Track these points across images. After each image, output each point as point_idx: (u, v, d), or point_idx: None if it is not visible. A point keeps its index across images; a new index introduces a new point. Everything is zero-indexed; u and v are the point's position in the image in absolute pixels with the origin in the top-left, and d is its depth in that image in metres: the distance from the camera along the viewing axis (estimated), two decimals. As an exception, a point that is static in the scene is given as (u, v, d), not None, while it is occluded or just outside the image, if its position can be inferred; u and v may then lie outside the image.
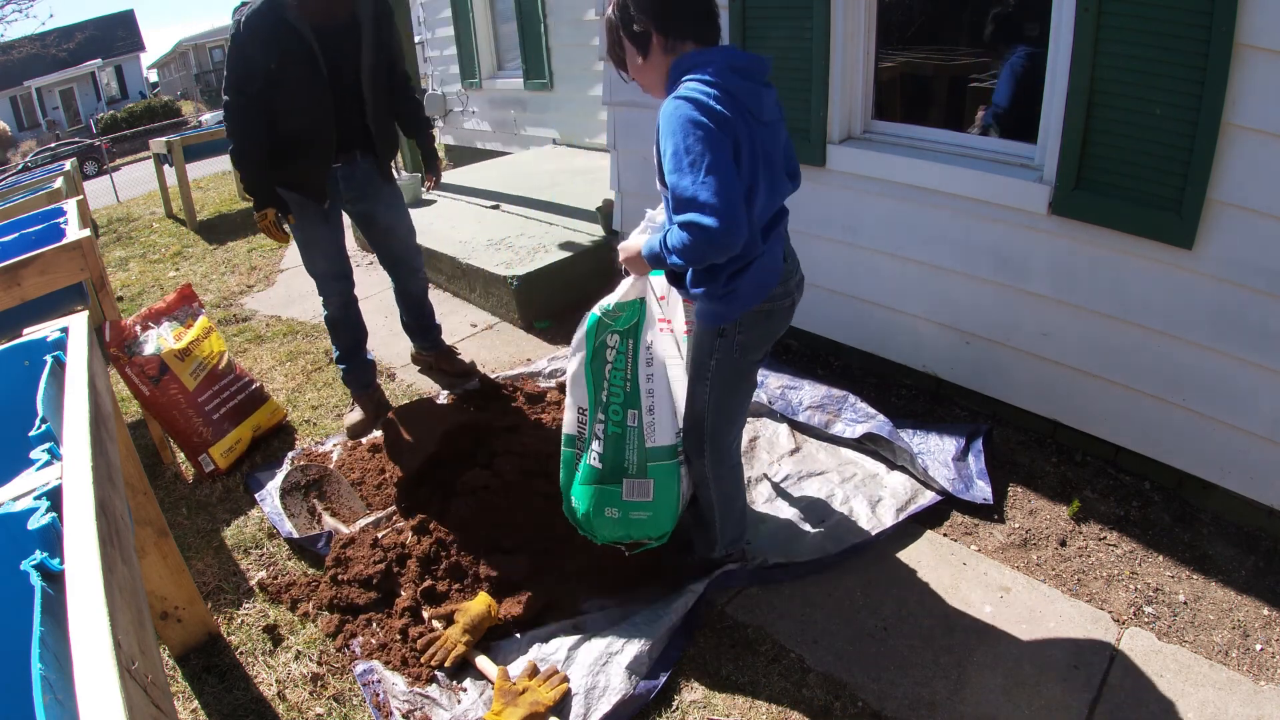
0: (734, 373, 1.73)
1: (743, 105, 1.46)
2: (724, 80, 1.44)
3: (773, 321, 1.70)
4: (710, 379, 1.73)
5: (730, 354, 1.69)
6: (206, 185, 8.34)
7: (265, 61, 2.27)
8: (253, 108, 2.34)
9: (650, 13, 1.51)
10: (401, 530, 2.15)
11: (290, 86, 2.32)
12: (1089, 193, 2.08)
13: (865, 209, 2.60)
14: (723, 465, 1.85)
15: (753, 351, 1.72)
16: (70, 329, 1.49)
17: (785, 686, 1.71)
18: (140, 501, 1.71)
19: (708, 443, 1.81)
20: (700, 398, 1.77)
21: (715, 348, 1.69)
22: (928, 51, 2.88)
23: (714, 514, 1.92)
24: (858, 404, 2.53)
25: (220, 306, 4.29)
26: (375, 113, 2.52)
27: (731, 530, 1.97)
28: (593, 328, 1.78)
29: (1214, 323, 1.96)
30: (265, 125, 2.37)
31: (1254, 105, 1.74)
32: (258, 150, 2.39)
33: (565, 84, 5.96)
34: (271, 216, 2.47)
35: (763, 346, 1.74)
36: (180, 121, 23.61)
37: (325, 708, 1.74)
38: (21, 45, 25.22)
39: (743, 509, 1.98)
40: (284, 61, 2.28)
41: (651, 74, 1.58)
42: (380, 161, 2.66)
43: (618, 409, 1.81)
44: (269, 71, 2.29)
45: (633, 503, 1.85)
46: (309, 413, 2.99)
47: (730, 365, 1.71)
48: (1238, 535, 2.06)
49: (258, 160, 2.41)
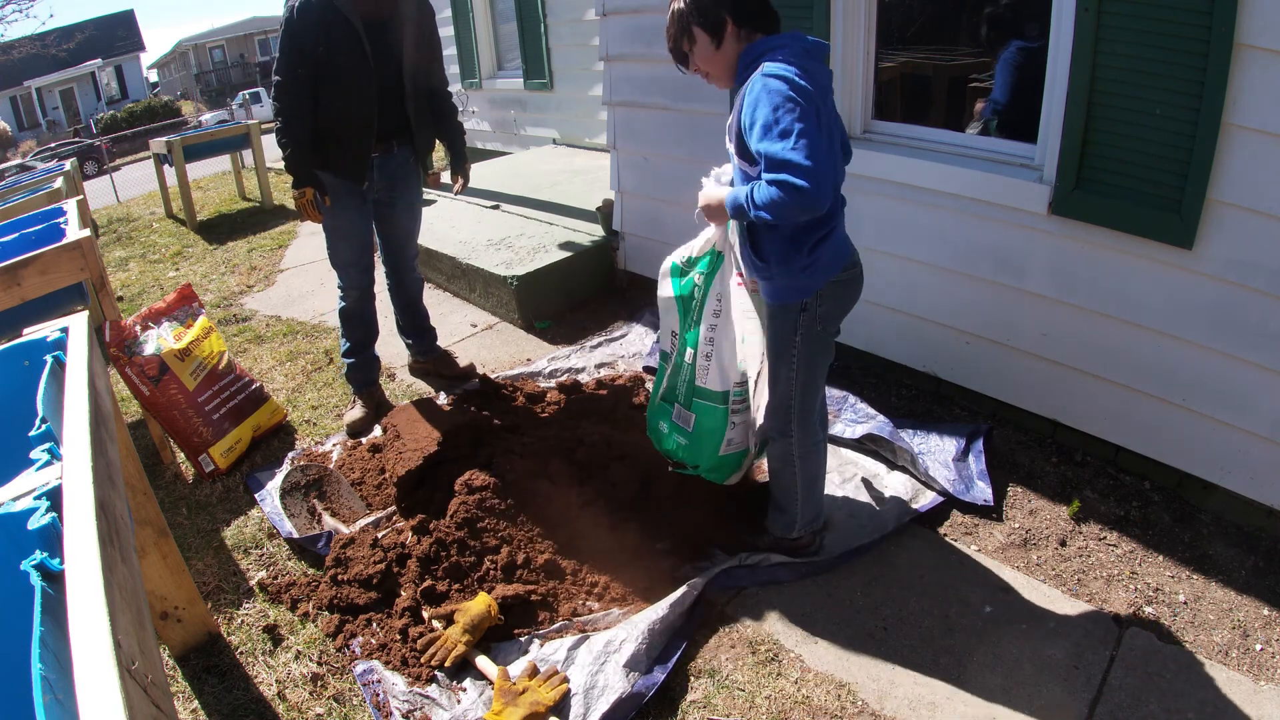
0: (818, 346, 1.81)
1: (819, 84, 1.57)
2: (801, 62, 1.56)
3: (848, 290, 1.79)
4: (796, 357, 1.80)
5: (813, 328, 1.77)
6: (206, 185, 8.33)
7: (315, 46, 2.38)
8: (301, 89, 2.43)
9: (725, 2, 1.62)
10: (401, 530, 2.15)
11: (337, 72, 2.42)
12: (1089, 193, 2.08)
13: (865, 209, 2.60)
14: (810, 441, 1.91)
15: (832, 321, 1.80)
16: (70, 329, 1.48)
17: (785, 686, 1.72)
18: (140, 501, 1.71)
19: (796, 422, 1.88)
20: (785, 378, 1.84)
21: (799, 324, 1.77)
22: (928, 51, 2.88)
23: (796, 494, 1.96)
24: (858, 404, 2.54)
25: (220, 306, 4.28)
26: (415, 106, 2.62)
27: (810, 510, 1.99)
28: (672, 271, 2.03)
29: (1214, 323, 1.96)
30: (311, 107, 2.46)
31: (1254, 105, 1.74)
32: (303, 130, 2.48)
33: (565, 84, 5.96)
34: (310, 195, 2.54)
35: (840, 317, 1.81)
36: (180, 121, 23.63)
37: (325, 708, 1.74)
38: (21, 45, 25.20)
39: (822, 488, 2.01)
40: (332, 47, 2.39)
41: (722, 62, 1.68)
42: (419, 155, 2.75)
43: (682, 342, 2.05)
44: (318, 56, 2.39)
45: (677, 426, 2.11)
46: (309, 413, 2.99)
47: (813, 339, 1.79)
48: (1238, 535, 2.06)
49: (302, 140, 2.49)
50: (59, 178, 4.72)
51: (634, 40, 3.29)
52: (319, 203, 2.56)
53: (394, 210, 2.78)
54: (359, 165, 2.57)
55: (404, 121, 2.62)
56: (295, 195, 2.53)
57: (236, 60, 33.10)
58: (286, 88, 2.43)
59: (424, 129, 2.71)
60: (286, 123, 2.46)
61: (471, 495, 2.11)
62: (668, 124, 3.29)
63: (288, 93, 2.44)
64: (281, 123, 2.46)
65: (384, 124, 2.57)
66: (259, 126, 6.91)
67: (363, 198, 2.66)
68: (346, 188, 2.61)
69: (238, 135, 6.88)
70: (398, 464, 2.38)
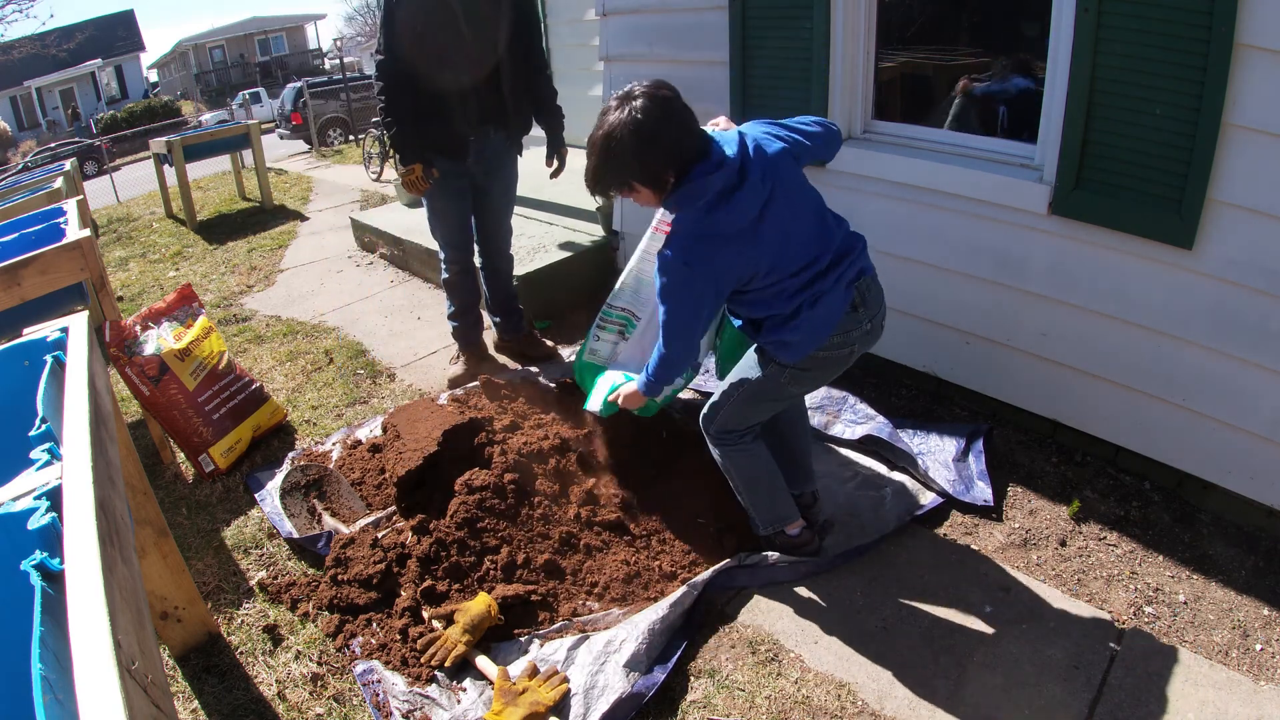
0: (770, 397, 1.84)
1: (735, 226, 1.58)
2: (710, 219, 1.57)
3: (826, 368, 1.78)
4: (747, 386, 1.82)
5: (777, 381, 1.79)
6: (206, 185, 8.33)
7: (413, 25, 2.46)
8: (401, 69, 2.52)
9: (638, 176, 1.60)
10: (401, 530, 2.15)
11: (435, 53, 2.50)
12: (1089, 193, 2.08)
13: (865, 209, 2.60)
14: (726, 447, 1.93)
15: (798, 387, 1.84)
16: (70, 329, 1.48)
17: (785, 686, 1.71)
18: (140, 501, 1.71)
19: (715, 424, 1.92)
20: (727, 394, 1.87)
21: (766, 370, 1.79)
22: (928, 51, 2.88)
23: (742, 492, 2.00)
24: (857, 405, 2.53)
25: (220, 306, 4.28)
26: (512, 89, 2.69)
27: (765, 510, 2.00)
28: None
29: (1214, 323, 1.96)
30: (412, 87, 2.55)
31: (1254, 105, 1.73)
32: (405, 109, 2.57)
33: (565, 84, 5.90)
34: (419, 171, 2.63)
35: (810, 387, 1.86)
36: (180, 121, 23.60)
37: (325, 708, 1.74)
38: (21, 45, 25.16)
39: (775, 491, 2.00)
40: (429, 25, 2.47)
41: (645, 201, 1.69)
42: (512, 137, 2.83)
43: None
44: (416, 35, 2.47)
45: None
46: (309, 413, 2.99)
47: (771, 390, 1.81)
48: (1238, 535, 2.06)
49: (405, 118, 2.57)
50: (59, 178, 4.72)
51: (634, 40, 3.29)
52: (428, 175, 2.67)
53: (489, 194, 2.89)
54: (459, 144, 2.67)
55: (500, 104, 2.69)
56: (403, 172, 2.65)
57: (236, 60, 33.07)
58: (386, 70, 2.54)
59: (520, 112, 2.78)
60: (390, 101, 2.57)
61: (471, 495, 2.11)
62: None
63: (387, 74, 2.54)
64: (385, 101, 2.57)
65: (481, 106, 2.65)
66: (259, 126, 6.91)
67: (461, 177, 2.76)
68: (446, 167, 2.71)
69: (238, 135, 6.88)
70: (398, 464, 2.37)
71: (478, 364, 3.06)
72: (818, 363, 1.74)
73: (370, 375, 3.25)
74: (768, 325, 1.73)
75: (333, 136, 12.41)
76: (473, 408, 2.70)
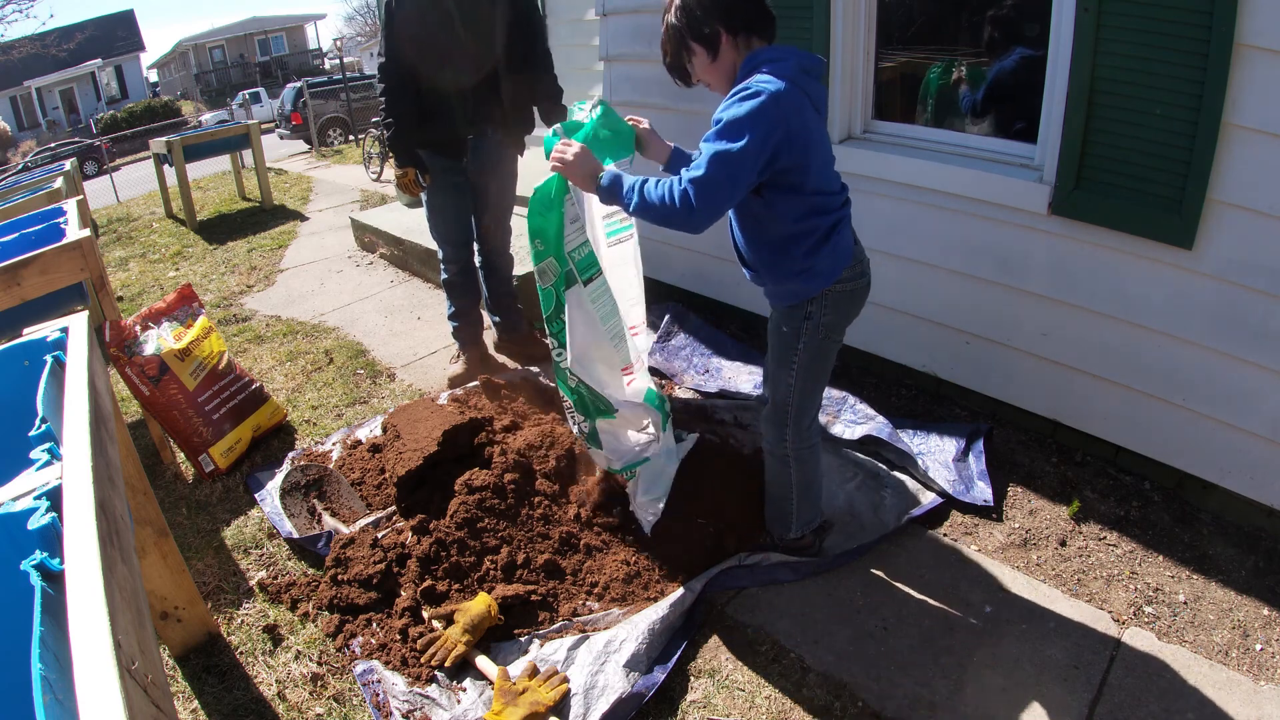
0: (820, 355, 1.82)
1: (811, 101, 1.60)
2: (798, 80, 1.57)
3: (853, 301, 1.79)
4: (796, 364, 1.81)
5: (816, 336, 1.78)
6: (206, 185, 8.33)
7: (409, 27, 2.51)
8: (401, 71, 2.55)
9: (717, 13, 1.61)
10: (401, 530, 2.15)
11: (433, 54, 2.53)
12: (1089, 193, 2.08)
13: (865, 209, 2.59)
14: (804, 445, 1.93)
15: (836, 331, 1.81)
16: (70, 329, 1.48)
17: (785, 686, 1.71)
18: (140, 501, 1.71)
19: (791, 426, 1.89)
20: (785, 383, 1.85)
21: (802, 331, 1.77)
22: (928, 51, 2.88)
23: (792, 495, 1.98)
24: (857, 405, 2.53)
25: (220, 306, 4.28)
26: (510, 89, 2.71)
27: (807, 511, 2.00)
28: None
29: (1214, 323, 1.96)
30: (413, 88, 2.59)
31: (1254, 105, 1.74)
32: (405, 110, 2.60)
33: (565, 84, 5.92)
34: (412, 175, 2.67)
35: (844, 326, 1.82)
36: (180, 121, 23.63)
37: (325, 708, 1.74)
38: (21, 45, 25.16)
39: (819, 490, 2.02)
40: (426, 27, 2.50)
41: (719, 73, 1.68)
42: (511, 136, 2.85)
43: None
44: (413, 37, 2.50)
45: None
46: (309, 413, 2.99)
47: (816, 348, 1.80)
48: (1238, 535, 2.06)
49: (404, 119, 2.61)
50: (59, 178, 4.72)
51: (634, 40, 3.28)
52: (421, 180, 2.69)
53: (486, 193, 2.91)
54: (456, 144, 2.70)
55: (498, 105, 2.71)
56: (398, 174, 2.67)
57: (236, 60, 33.09)
58: (387, 72, 2.57)
59: (519, 112, 2.80)
60: (390, 103, 2.60)
61: (471, 495, 2.11)
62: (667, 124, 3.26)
63: (390, 74, 2.57)
64: (386, 102, 2.59)
65: (478, 106, 2.68)
66: (259, 126, 6.91)
67: (460, 176, 2.79)
68: (444, 165, 2.73)
69: (238, 135, 6.88)
70: (398, 464, 2.37)
71: (478, 364, 3.07)
72: (844, 298, 1.75)
73: (370, 375, 3.25)
74: (798, 252, 1.67)
75: (333, 136, 12.41)
76: (473, 408, 2.70)
